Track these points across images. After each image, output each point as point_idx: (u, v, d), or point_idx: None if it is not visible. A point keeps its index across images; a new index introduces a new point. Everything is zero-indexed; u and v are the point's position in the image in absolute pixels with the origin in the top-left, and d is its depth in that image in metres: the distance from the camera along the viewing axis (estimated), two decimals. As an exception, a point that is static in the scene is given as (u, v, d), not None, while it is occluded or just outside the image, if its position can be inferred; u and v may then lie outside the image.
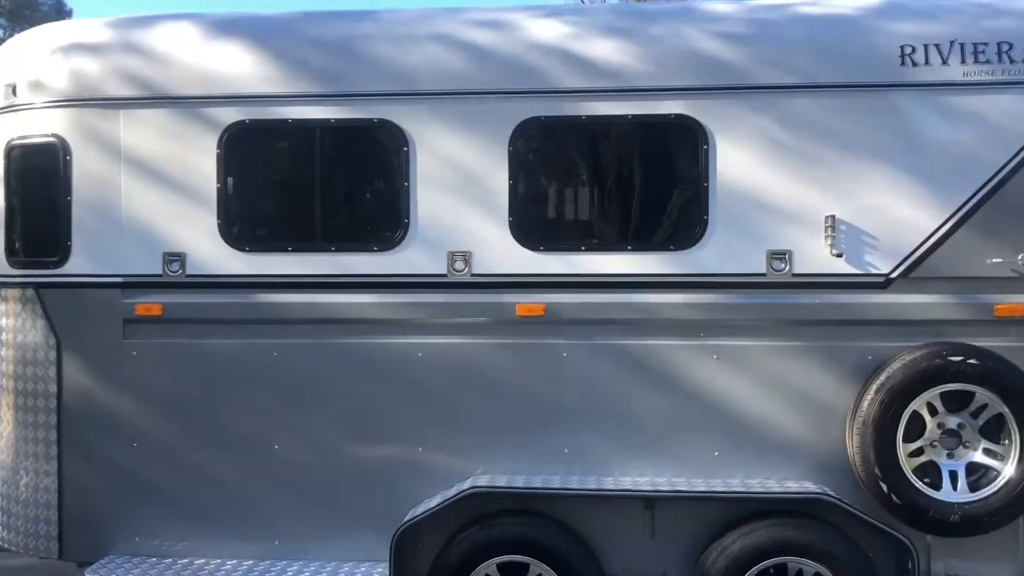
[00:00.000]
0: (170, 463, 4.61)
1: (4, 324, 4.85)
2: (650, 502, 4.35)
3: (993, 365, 4.11)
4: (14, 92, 4.76)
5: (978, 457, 4.19)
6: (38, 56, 4.76)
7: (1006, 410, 4.11)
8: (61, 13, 31.62)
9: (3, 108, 4.81)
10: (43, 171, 4.69)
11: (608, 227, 4.57)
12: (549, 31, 4.56)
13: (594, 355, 4.46)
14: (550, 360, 4.48)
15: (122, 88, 4.60)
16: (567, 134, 4.57)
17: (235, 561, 4.54)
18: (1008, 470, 4.11)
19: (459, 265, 4.48)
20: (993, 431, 4.18)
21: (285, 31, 4.69)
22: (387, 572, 4.29)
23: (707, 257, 4.39)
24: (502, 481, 4.35)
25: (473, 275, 4.47)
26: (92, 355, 4.64)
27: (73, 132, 4.63)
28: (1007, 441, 4.13)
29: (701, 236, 4.39)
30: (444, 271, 4.48)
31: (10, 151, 4.77)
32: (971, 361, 4.11)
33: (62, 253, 4.64)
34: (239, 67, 4.57)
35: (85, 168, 4.62)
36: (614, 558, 4.36)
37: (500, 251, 4.46)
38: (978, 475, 4.18)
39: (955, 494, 4.15)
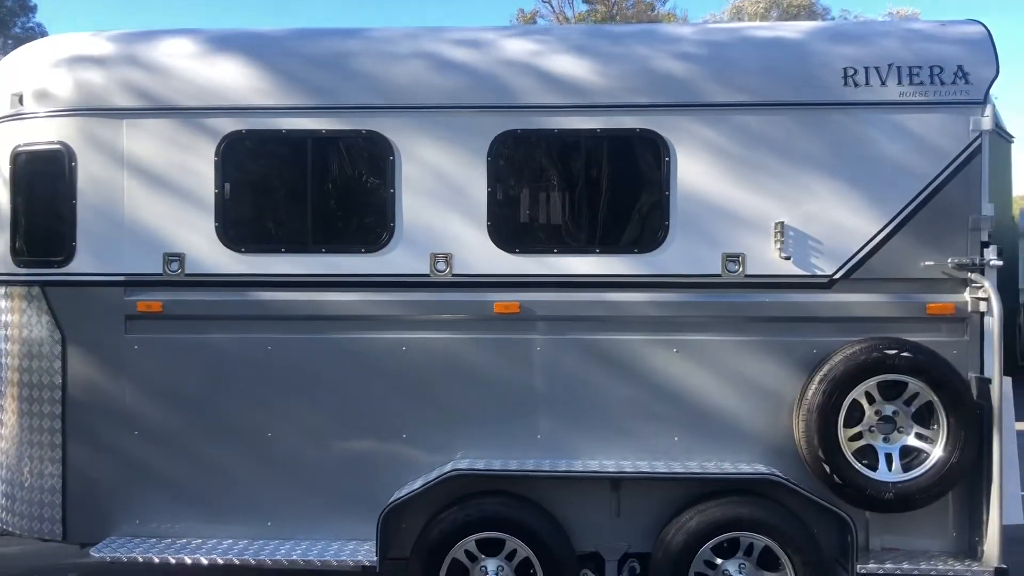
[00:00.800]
0: (169, 450, 4.87)
1: (9, 320, 5.09)
2: (616, 483, 4.69)
3: (924, 358, 4.49)
4: (20, 101, 5.01)
5: (911, 441, 4.57)
6: (44, 67, 5.01)
7: (935, 399, 4.49)
8: (26, 9, 31.44)
9: (9, 116, 5.06)
10: (49, 176, 4.95)
11: (578, 231, 4.88)
12: (524, 50, 4.89)
13: (565, 349, 4.79)
14: (524, 354, 4.80)
15: (125, 99, 4.87)
16: (540, 146, 4.88)
17: (230, 540, 4.81)
18: (937, 452, 4.50)
19: (441, 266, 4.81)
20: (924, 417, 4.56)
21: (279, 47, 4.97)
22: (374, 549, 4.59)
23: (668, 259, 4.74)
24: (480, 464, 4.67)
25: (454, 275, 4.79)
26: (95, 349, 4.90)
27: (78, 140, 4.89)
28: (936, 426, 4.52)
29: (663, 240, 4.75)
30: (427, 271, 4.80)
31: (16, 157, 5.02)
32: (905, 354, 4.48)
33: (67, 253, 4.90)
34: (236, 80, 4.86)
35: (89, 173, 4.89)
36: (583, 534, 4.69)
37: (479, 253, 4.77)
38: (911, 457, 4.56)
39: (890, 474, 4.52)
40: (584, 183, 4.87)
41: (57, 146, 4.92)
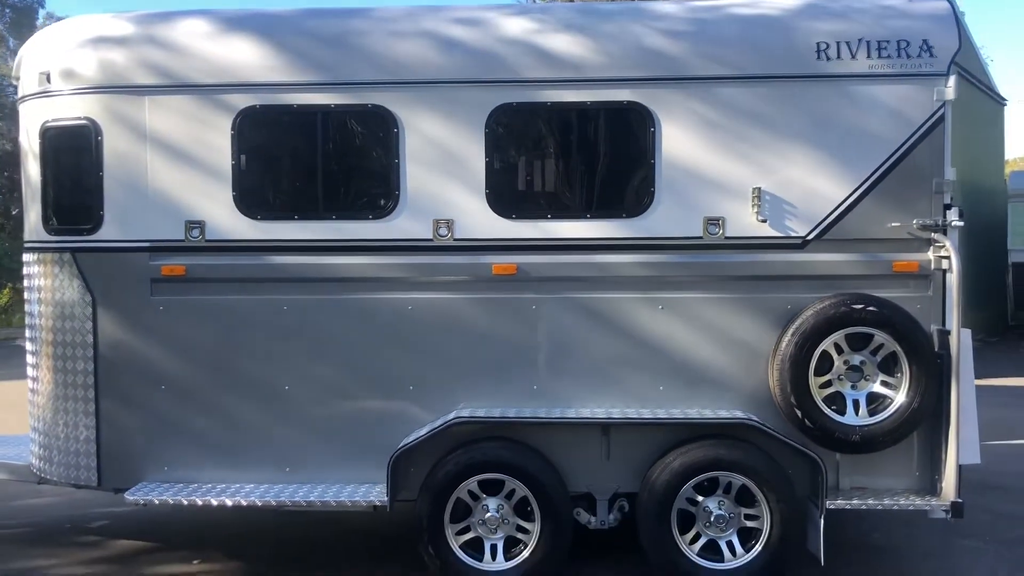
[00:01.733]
0: (194, 403, 5.24)
1: (41, 284, 5.46)
2: (605, 428, 5.05)
3: (888, 312, 4.84)
4: (48, 79, 5.34)
5: (876, 388, 4.93)
6: (70, 47, 5.33)
7: (899, 349, 4.84)
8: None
9: (37, 93, 5.40)
10: (77, 150, 5.28)
11: (571, 197, 5.24)
12: (519, 27, 5.20)
13: (559, 307, 5.14)
14: (521, 312, 5.15)
15: (147, 77, 5.19)
16: (535, 118, 5.21)
17: (252, 485, 5.18)
18: (899, 398, 4.86)
19: (443, 231, 5.16)
20: (889, 366, 4.90)
21: (290, 26, 5.28)
22: (384, 491, 4.98)
23: (654, 223, 5.08)
24: (481, 412, 5.04)
25: (455, 240, 5.14)
26: (124, 310, 5.26)
27: (103, 115, 5.22)
28: (899, 374, 4.87)
29: (649, 205, 5.08)
30: (430, 236, 5.14)
31: (45, 132, 5.36)
32: (870, 309, 4.82)
33: (95, 222, 5.25)
34: (250, 58, 5.17)
35: (115, 147, 5.22)
36: (576, 476, 5.08)
37: (478, 219, 5.11)
38: (876, 403, 4.91)
39: (857, 418, 4.89)
40: (576, 153, 5.22)
41: (84, 122, 5.25)
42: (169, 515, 6.62)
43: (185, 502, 5.06)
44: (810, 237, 5.04)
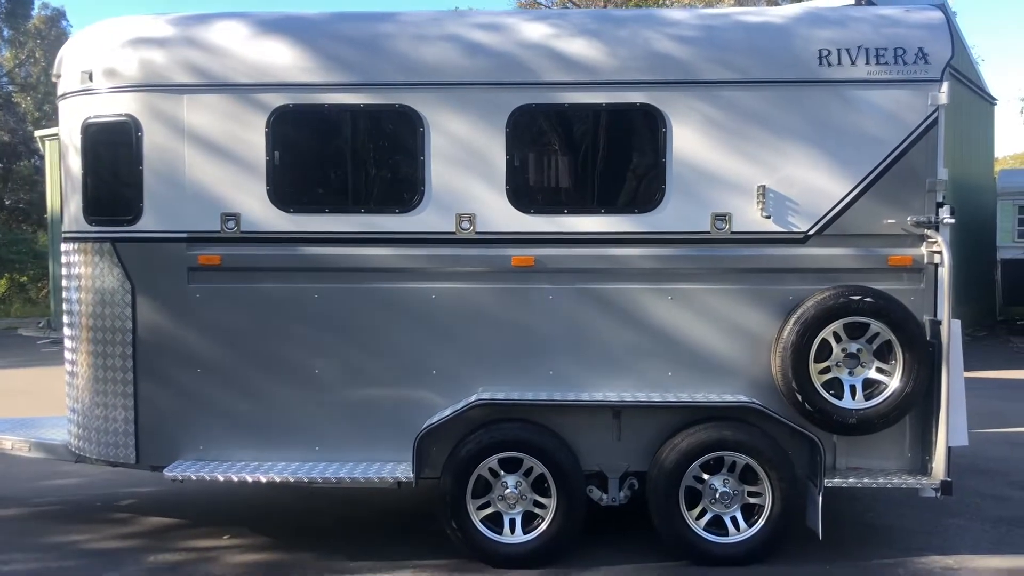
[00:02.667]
0: (228, 385, 5.52)
1: (81, 272, 5.73)
2: (617, 411, 5.36)
3: (884, 303, 5.15)
4: (90, 78, 5.61)
5: (872, 374, 5.24)
6: (111, 47, 5.59)
7: (893, 338, 5.16)
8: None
9: (79, 91, 5.67)
10: (117, 145, 5.56)
11: (585, 194, 5.54)
12: (538, 32, 5.49)
13: (574, 297, 5.43)
14: (538, 301, 5.44)
15: (185, 76, 5.46)
16: (553, 118, 5.51)
17: (284, 463, 5.46)
18: (893, 384, 5.18)
19: (465, 225, 5.45)
20: (884, 354, 5.22)
21: (321, 29, 5.56)
22: (410, 467, 5.28)
23: (664, 218, 5.38)
24: (501, 395, 5.35)
25: (477, 233, 5.42)
26: (162, 297, 5.54)
27: (143, 113, 5.49)
28: (894, 361, 5.18)
29: (660, 201, 5.39)
30: (453, 229, 5.44)
31: (87, 128, 5.63)
32: (867, 300, 5.14)
33: (135, 213, 5.52)
34: (284, 59, 5.44)
35: (154, 142, 5.49)
36: (589, 455, 5.38)
37: (499, 213, 5.40)
38: (872, 388, 5.23)
39: (853, 402, 5.21)
40: (591, 151, 5.51)
41: (124, 118, 5.52)
42: (194, 494, 6.91)
43: (221, 478, 5.35)
44: (811, 232, 5.35)
